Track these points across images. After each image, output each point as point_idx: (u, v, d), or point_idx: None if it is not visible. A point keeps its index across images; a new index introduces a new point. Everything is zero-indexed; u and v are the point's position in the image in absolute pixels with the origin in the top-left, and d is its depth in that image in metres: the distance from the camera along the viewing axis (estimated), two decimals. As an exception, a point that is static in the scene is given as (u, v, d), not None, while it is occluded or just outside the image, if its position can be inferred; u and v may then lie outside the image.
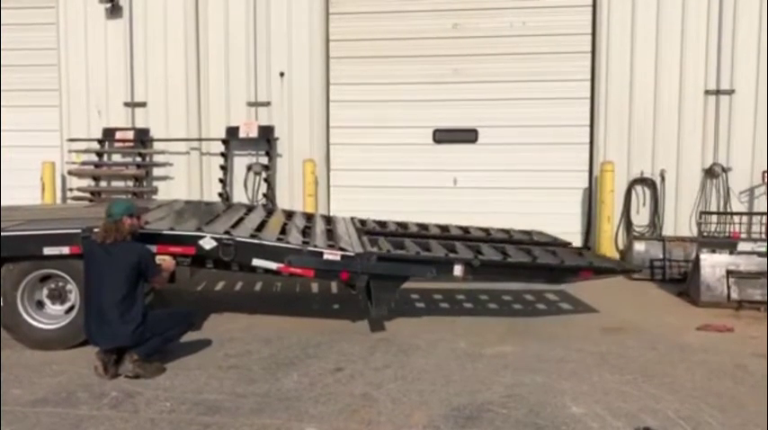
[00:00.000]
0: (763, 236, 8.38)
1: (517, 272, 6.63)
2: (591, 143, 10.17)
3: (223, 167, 10.57)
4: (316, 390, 4.85)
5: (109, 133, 10.80)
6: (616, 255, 9.49)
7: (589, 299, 7.56)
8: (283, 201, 10.49)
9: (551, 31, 10.09)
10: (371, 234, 7.50)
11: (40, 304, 5.91)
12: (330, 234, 7.11)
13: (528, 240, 7.74)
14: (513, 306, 7.45)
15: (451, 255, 6.47)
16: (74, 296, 5.83)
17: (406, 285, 6.42)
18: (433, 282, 7.81)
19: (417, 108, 10.43)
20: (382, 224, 8.11)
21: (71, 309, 5.85)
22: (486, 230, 8.12)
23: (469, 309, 7.34)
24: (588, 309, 7.20)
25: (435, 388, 4.89)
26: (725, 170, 9.65)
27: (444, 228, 8.04)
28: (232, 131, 10.53)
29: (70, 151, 10.90)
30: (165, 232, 5.96)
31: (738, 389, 4.87)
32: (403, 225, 8.09)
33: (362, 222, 8.14)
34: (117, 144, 10.80)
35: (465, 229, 8.09)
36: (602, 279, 7.06)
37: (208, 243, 5.91)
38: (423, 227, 8.05)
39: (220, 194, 10.54)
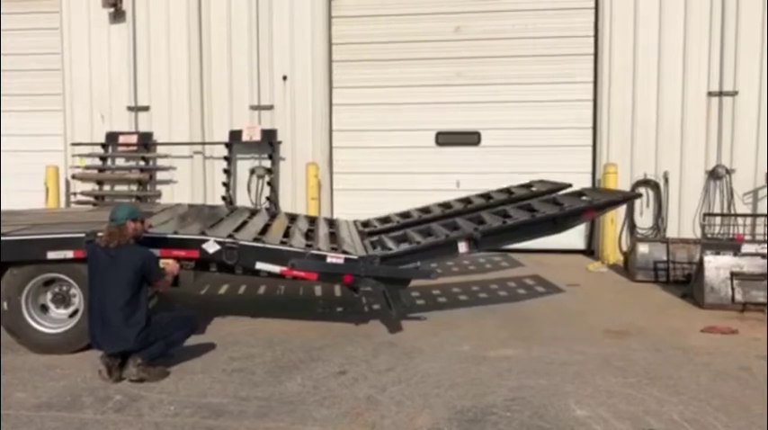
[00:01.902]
0: (767, 237, 8.36)
1: (521, 231, 6.67)
2: (594, 145, 10.17)
3: (226, 171, 10.58)
4: (319, 394, 4.85)
5: (112, 137, 10.83)
6: (620, 258, 9.50)
7: (592, 300, 7.56)
8: (286, 205, 10.51)
9: (554, 33, 10.10)
10: (374, 233, 7.53)
11: (45, 308, 5.92)
12: (333, 237, 7.13)
13: (528, 194, 7.75)
14: (511, 302, 7.45)
15: (452, 235, 6.49)
16: (78, 300, 5.83)
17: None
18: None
19: (420, 111, 10.44)
20: (384, 220, 8.16)
21: (75, 312, 5.85)
22: (487, 195, 8.16)
23: (471, 306, 7.38)
24: (591, 310, 7.18)
25: (439, 391, 4.89)
26: (728, 172, 9.63)
27: (446, 205, 8.12)
28: (235, 135, 10.55)
29: (74, 155, 10.93)
30: (168, 236, 5.97)
31: (743, 392, 4.86)
32: (405, 214, 8.13)
33: (365, 224, 8.17)
34: (120, 148, 10.82)
35: (467, 200, 8.14)
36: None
37: (211, 246, 5.92)
38: (424, 211, 8.13)
39: (224, 198, 10.56)
